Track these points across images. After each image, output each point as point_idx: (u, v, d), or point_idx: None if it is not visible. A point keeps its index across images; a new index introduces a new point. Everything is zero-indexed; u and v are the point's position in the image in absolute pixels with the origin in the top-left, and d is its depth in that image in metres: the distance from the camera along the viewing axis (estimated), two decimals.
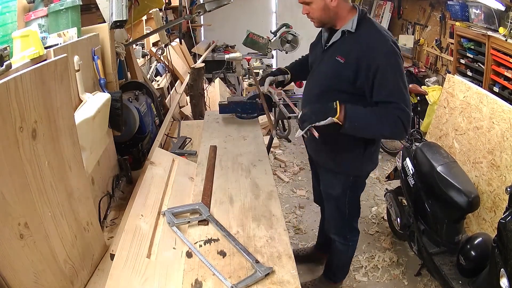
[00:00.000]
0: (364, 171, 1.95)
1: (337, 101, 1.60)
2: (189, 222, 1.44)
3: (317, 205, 3.25)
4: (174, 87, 3.95)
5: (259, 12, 6.61)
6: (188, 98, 3.75)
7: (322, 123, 1.58)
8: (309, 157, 2.23)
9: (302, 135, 1.67)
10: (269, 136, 3.53)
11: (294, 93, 4.52)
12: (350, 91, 1.67)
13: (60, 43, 1.38)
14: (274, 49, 3.48)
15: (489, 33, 3.48)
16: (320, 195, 2.17)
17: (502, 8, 3.23)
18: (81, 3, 1.55)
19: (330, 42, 1.71)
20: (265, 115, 2.15)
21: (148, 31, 3.62)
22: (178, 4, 3.64)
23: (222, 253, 1.28)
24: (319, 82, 1.78)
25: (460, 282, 2.00)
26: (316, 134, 1.60)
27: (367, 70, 1.57)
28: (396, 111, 1.56)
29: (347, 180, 1.90)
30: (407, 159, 2.44)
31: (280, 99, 2.04)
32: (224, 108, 2.40)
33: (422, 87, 4.29)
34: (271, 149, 4.00)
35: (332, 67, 1.68)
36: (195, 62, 5.09)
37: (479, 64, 3.81)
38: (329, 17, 1.66)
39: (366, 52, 1.58)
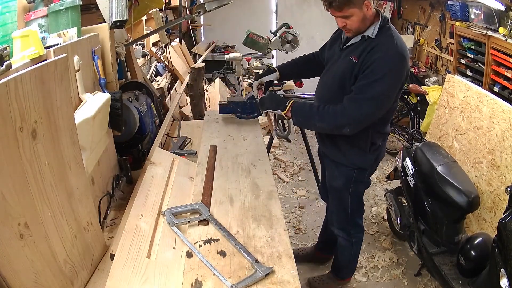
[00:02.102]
0: (368, 165, 1.95)
1: (292, 100, 1.83)
2: (189, 222, 1.44)
3: (318, 205, 3.29)
4: (174, 87, 3.95)
5: (259, 12, 6.60)
6: (188, 98, 3.75)
7: (274, 112, 1.89)
8: (318, 150, 2.26)
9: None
10: (269, 136, 3.53)
11: (294, 92, 4.51)
12: None
13: (60, 43, 1.38)
14: (274, 49, 3.48)
15: (489, 33, 3.48)
16: (326, 190, 2.21)
17: (502, 8, 3.23)
18: (81, 3, 1.55)
19: (350, 43, 1.74)
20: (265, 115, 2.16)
21: (148, 31, 3.62)
22: (178, 4, 3.64)
23: (222, 253, 1.28)
24: (331, 80, 1.82)
25: (460, 282, 2.00)
26: (272, 117, 1.96)
27: (365, 65, 1.63)
28: (340, 108, 1.67)
29: (350, 173, 1.93)
30: (407, 159, 2.44)
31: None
32: (224, 108, 2.40)
33: (422, 87, 4.29)
34: (271, 149, 4.00)
35: (345, 65, 1.72)
36: (195, 62, 5.09)
37: (479, 64, 3.80)
38: (365, 26, 1.66)
39: (372, 51, 1.62)
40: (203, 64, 3.71)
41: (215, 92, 4.34)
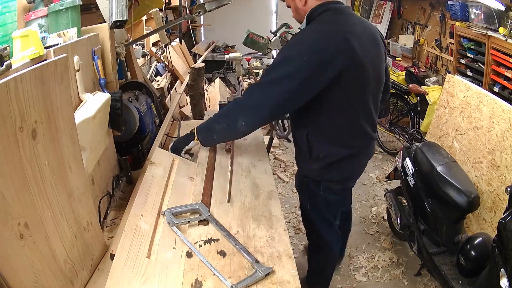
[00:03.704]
0: (313, 175, 1.78)
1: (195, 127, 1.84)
2: (189, 222, 1.44)
3: None
4: (174, 87, 3.95)
5: (259, 12, 6.61)
6: (188, 98, 3.75)
7: (189, 146, 1.89)
8: None
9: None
10: (269, 136, 3.53)
11: None
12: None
13: (60, 43, 1.38)
14: (274, 49, 3.47)
15: (489, 33, 3.48)
16: None
17: (502, 8, 3.23)
18: (81, 3, 1.55)
19: None
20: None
21: (148, 31, 3.62)
22: (178, 4, 3.64)
23: (222, 253, 1.28)
24: None
25: (460, 282, 2.00)
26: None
27: None
28: (233, 102, 1.66)
29: (302, 178, 1.87)
30: (407, 159, 2.44)
31: None
32: None
33: (422, 87, 4.29)
34: (271, 149, 3.99)
35: None
36: (195, 62, 5.09)
37: (479, 64, 3.80)
38: (301, 17, 1.66)
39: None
40: (203, 64, 3.71)
41: (215, 92, 4.34)
